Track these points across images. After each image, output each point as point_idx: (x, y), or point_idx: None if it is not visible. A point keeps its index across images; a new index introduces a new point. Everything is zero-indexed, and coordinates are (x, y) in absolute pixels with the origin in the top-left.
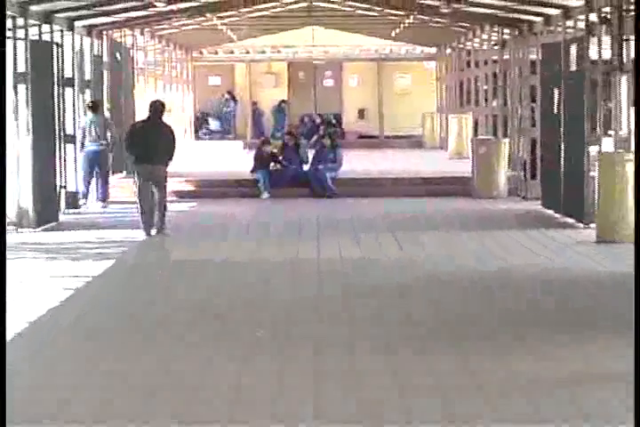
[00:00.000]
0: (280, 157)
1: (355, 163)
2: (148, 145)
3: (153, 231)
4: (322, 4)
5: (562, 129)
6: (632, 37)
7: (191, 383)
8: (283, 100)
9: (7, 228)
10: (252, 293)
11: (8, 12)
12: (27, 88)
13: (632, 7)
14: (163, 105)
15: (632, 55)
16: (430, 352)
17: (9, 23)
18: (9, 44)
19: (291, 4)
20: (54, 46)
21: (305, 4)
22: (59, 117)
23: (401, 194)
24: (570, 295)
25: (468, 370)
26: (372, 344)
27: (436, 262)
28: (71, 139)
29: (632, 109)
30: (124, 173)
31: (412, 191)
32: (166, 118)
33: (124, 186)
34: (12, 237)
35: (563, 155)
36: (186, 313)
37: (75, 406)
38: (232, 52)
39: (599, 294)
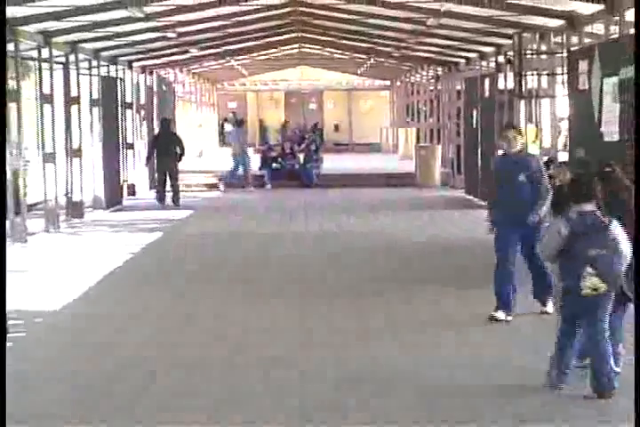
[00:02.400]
0: (280, 159)
1: (332, 163)
2: (162, 146)
3: (166, 202)
4: (308, 51)
5: (479, 138)
6: (529, 73)
7: (210, 313)
8: (286, 121)
9: (85, 209)
10: (256, 253)
11: (85, 56)
12: (99, 110)
13: (528, 54)
14: (168, 120)
15: (529, 86)
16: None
17: (86, 64)
18: (86, 80)
19: (286, 50)
20: (118, 80)
21: (296, 51)
22: (121, 131)
23: (365, 185)
24: (469, 257)
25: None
26: (342, 284)
27: (388, 233)
28: (131, 146)
29: (529, 127)
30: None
31: (373, 183)
32: (197, 131)
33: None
34: (88, 216)
35: (479, 156)
36: (207, 266)
37: (140, 321)
38: (244, 84)
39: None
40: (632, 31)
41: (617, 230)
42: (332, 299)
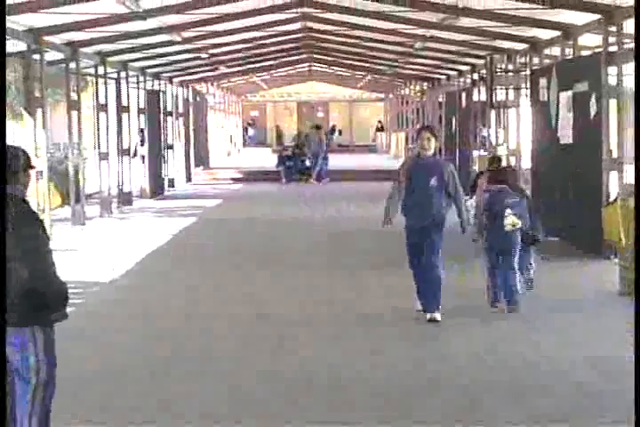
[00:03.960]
0: (293, 158)
1: (336, 161)
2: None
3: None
4: (317, 69)
5: (457, 141)
6: (499, 87)
7: (236, 280)
8: (299, 131)
9: (133, 198)
10: (269, 234)
11: (134, 72)
12: (145, 117)
13: (498, 72)
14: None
15: (499, 98)
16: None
17: (134, 79)
18: (135, 93)
19: (298, 68)
20: (160, 93)
21: (307, 69)
22: (164, 134)
23: (362, 179)
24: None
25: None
26: (340, 259)
27: (376, 219)
28: (170, 147)
29: (499, 130)
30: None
31: (369, 178)
32: (226, 134)
33: (200, 174)
34: (136, 204)
35: (457, 156)
36: (233, 244)
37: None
38: (264, 96)
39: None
40: (584, 53)
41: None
42: (332, 270)
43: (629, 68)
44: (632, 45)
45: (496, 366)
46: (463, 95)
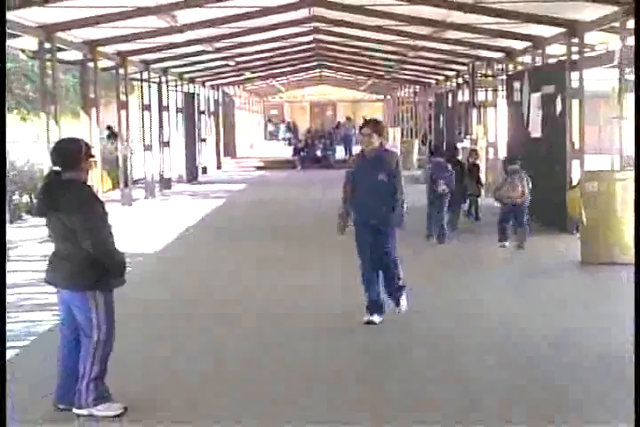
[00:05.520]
0: (306, 148)
1: (343, 151)
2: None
3: None
4: (326, 74)
5: (445, 135)
6: (479, 90)
7: (260, 250)
8: (310, 127)
9: (172, 183)
10: (286, 211)
11: (172, 77)
12: (183, 115)
13: (478, 76)
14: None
15: (479, 99)
16: None
17: (173, 83)
18: (174, 95)
19: (311, 73)
20: (195, 95)
21: (317, 74)
22: (197, 130)
23: None
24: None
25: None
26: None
27: None
28: (204, 140)
29: (479, 127)
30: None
31: None
32: (250, 129)
33: (228, 163)
34: (174, 188)
35: (445, 147)
36: (257, 220)
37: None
38: (282, 98)
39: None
40: (551, 61)
41: (450, 169)
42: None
43: (589, 73)
44: (591, 54)
45: (475, 324)
46: (450, 96)
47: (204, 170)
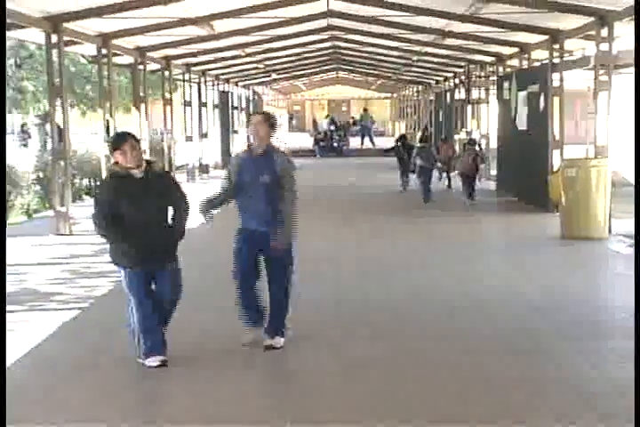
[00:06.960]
0: (324, 140)
1: (355, 142)
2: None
3: None
4: (342, 75)
5: (444, 128)
6: (474, 89)
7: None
8: (328, 115)
9: (210, 168)
10: (307, 192)
11: (210, 78)
12: (219, 111)
13: (473, 77)
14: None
15: (474, 96)
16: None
17: (211, 83)
18: (211, 92)
19: (329, 75)
20: (229, 93)
21: (334, 75)
22: (231, 123)
23: (373, 155)
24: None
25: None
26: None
27: (383, 185)
28: (236, 131)
29: (473, 121)
30: None
31: (378, 154)
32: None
33: None
34: (212, 173)
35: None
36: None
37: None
38: (304, 96)
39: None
40: (536, 64)
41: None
42: (355, 215)
43: (568, 74)
44: (570, 58)
45: (468, 289)
46: (448, 95)
47: None
